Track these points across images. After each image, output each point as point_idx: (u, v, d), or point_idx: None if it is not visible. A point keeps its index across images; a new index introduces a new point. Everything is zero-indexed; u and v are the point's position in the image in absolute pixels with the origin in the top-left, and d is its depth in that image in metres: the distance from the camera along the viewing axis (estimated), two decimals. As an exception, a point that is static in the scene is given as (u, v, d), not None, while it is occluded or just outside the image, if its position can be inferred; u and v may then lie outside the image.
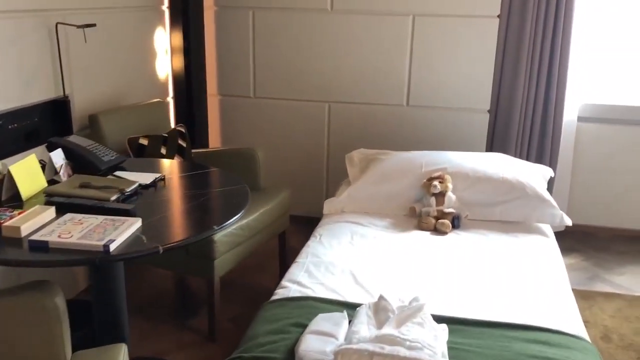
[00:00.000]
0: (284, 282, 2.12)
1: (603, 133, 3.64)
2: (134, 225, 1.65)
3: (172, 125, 3.46)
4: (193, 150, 3.04)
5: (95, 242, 1.53)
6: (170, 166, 2.41)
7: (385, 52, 3.55)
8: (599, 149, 3.67)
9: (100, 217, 1.69)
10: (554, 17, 3.34)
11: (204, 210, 1.89)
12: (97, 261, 1.53)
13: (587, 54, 3.49)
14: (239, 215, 1.75)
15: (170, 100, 3.67)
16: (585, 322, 2.70)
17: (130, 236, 1.60)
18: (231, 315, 2.78)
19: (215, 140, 3.89)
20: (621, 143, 3.64)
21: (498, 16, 3.38)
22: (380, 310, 1.79)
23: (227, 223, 1.70)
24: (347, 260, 2.27)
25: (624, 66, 3.63)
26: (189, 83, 3.60)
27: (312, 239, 2.52)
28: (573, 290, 2.31)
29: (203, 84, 3.71)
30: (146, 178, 2.07)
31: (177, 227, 1.73)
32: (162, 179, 2.09)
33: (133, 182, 1.98)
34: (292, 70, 3.69)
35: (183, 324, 2.73)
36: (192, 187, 2.11)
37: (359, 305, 1.87)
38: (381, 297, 1.82)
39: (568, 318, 1.95)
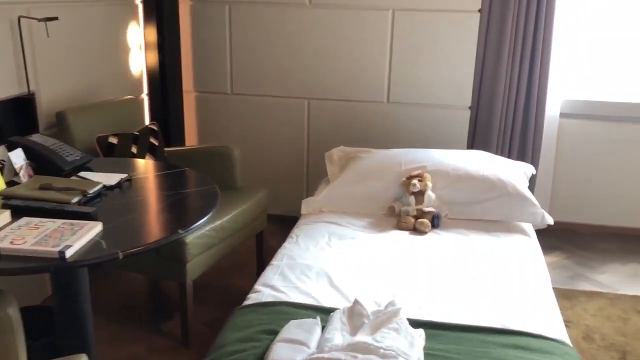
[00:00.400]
0: (257, 286, 2.04)
1: (585, 129, 3.61)
2: (94, 229, 1.56)
3: (147, 123, 3.36)
4: (167, 149, 2.95)
5: (51, 248, 1.44)
6: (138, 166, 2.32)
7: (365, 48, 3.47)
8: (581, 146, 3.63)
9: (59, 221, 1.60)
10: (536, 11, 3.29)
11: (170, 213, 1.81)
12: (52, 269, 1.44)
13: (569, 48, 3.45)
14: (205, 218, 1.67)
15: (145, 97, 3.57)
16: (567, 322, 2.67)
17: (89, 241, 1.52)
18: (206, 318, 2.70)
19: (191, 138, 3.80)
20: (604, 139, 3.61)
21: (479, 11, 3.32)
22: (354, 315, 1.72)
23: (192, 227, 1.62)
24: (324, 262, 2.20)
25: (606, 62, 3.59)
26: (164, 79, 3.49)
27: (288, 240, 2.44)
28: (555, 289, 2.27)
29: (178, 80, 3.61)
30: (112, 179, 1.98)
31: (140, 231, 1.64)
32: (129, 179, 2.00)
33: (97, 183, 1.89)
34: (270, 66, 3.61)
35: (156, 328, 2.64)
36: (159, 188, 2.03)
37: (333, 310, 1.80)
38: (356, 302, 1.75)
39: (549, 321, 1.90)
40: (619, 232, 3.73)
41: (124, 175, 2.00)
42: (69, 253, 1.44)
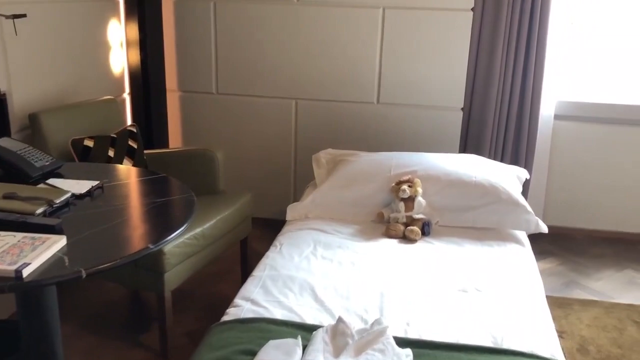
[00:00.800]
0: (236, 300, 1.93)
1: (580, 131, 3.52)
2: (57, 244, 1.44)
3: (129, 124, 3.24)
4: (147, 152, 2.83)
5: (6, 266, 1.32)
6: (113, 172, 2.20)
7: (355, 47, 3.37)
8: (576, 148, 3.54)
9: (19, 235, 1.48)
10: (530, 10, 3.19)
11: (142, 225, 1.69)
12: (7, 289, 1.33)
13: (564, 48, 3.35)
14: (177, 232, 1.55)
15: (126, 97, 3.44)
16: (562, 333, 2.59)
17: (50, 257, 1.40)
18: (188, 329, 2.59)
19: (175, 140, 3.68)
20: (599, 142, 3.52)
21: (472, 9, 3.22)
22: (338, 334, 1.61)
23: (163, 242, 1.51)
24: (308, 273, 2.09)
25: (601, 62, 3.50)
26: (146, 78, 3.37)
27: (271, 248, 2.33)
28: (549, 297, 2.18)
29: (162, 80, 3.49)
30: (82, 186, 1.86)
31: (108, 246, 1.53)
32: (100, 187, 1.88)
33: (65, 192, 1.77)
34: (256, 65, 3.49)
35: (134, 340, 2.53)
36: (132, 197, 1.91)
37: (316, 327, 1.69)
38: (340, 320, 1.65)
39: (543, 337, 1.80)
40: (615, 237, 3.65)
41: (95, 183, 1.88)
42: (26, 272, 1.32)
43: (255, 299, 1.92)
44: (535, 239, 2.82)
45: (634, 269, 3.28)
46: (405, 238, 2.44)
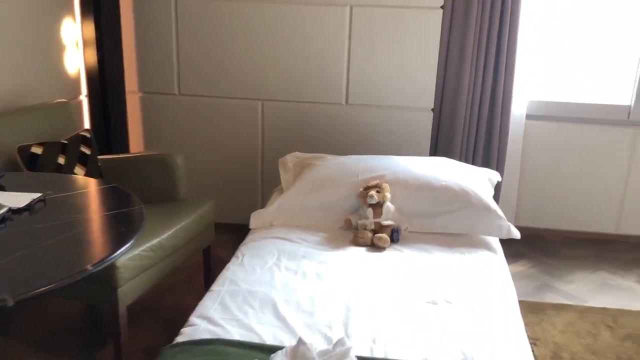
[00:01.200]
0: (192, 319, 1.81)
1: (552, 131, 3.47)
2: (-16, 268, 1.31)
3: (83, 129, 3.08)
4: (103, 157, 2.68)
5: None
6: (60, 182, 2.06)
7: (322, 46, 3.26)
8: (547, 148, 3.49)
9: (-58, 258, 1.35)
10: (501, 9, 3.12)
11: (84, 242, 1.56)
12: None
13: (535, 47, 3.29)
14: (122, 250, 1.43)
15: (84, 99, 3.28)
16: (535, 339, 2.52)
17: (-24, 283, 1.27)
18: (145, 345, 2.45)
19: (137, 144, 3.52)
20: (570, 141, 3.47)
21: (442, 7, 3.13)
22: (298, 357, 1.50)
23: (104, 261, 1.38)
24: (270, 287, 1.98)
25: (572, 62, 3.45)
26: (104, 79, 3.21)
27: (233, 260, 2.21)
28: (521, 302, 2.11)
29: (120, 80, 3.33)
30: (22, 199, 1.72)
31: (44, 268, 1.39)
32: (42, 200, 1.74)
33: (1, 207, 1.63)
34: (220, 65, 3.36)
35: (90, 357, 2.38)
36: (77, 211, 1.77)
37: (276, 348, 1.58)
38: (300, 342, 1.54)
39: (515, 350, 1.72)
40: (587, 237, 3.61)
41: (37, 195, 1.75)
42: (-56, 301, 1.19)
43: (212, 317, 1.80)
44: (508, 241, 2.74)
45: (606, 271, 3.24)
46: (374, 246, 2.34)
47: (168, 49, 3.36)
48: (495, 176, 2.86)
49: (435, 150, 3.35)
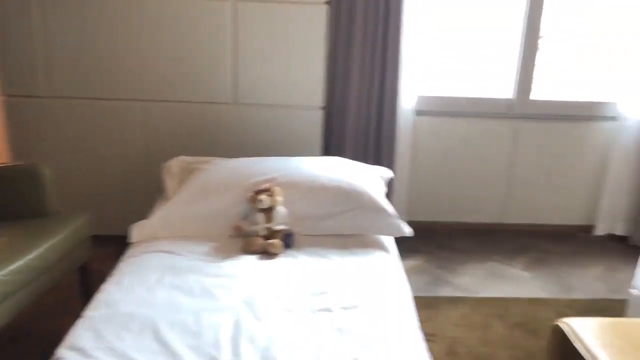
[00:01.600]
0: (61, 351, 1.60)
1: (440, 125, 3.53)
2: None
3: None
4: (-46, 170, 2.35)
5: None
6: None
7: (204, 42, 3.08)
8: (437, 142, 3.56)
9: None
10: (386, 5, 3.11)
11: None
12: None
13: (422, 43, 3.32)
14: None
15: None
16: (431, 335, 2.53)
17: None
18: (15, 379, 2.19)
19: (1, 152, 3.16)
20: (458, 135, 3.56)
21: (327, 2, 3.06)
22: (180, 388, 1.36)
23: None
24: (152, 308, 1.80)
25: (456, 57, 3.53)
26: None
27: (109, 280, 2.00)
28: (417, 298, 2.09)
29: (-23, 83, 2.97)
30: None
31: None
32: None
33: None
34: (94, 63, 3.08)
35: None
36: None
37: (156, 378, 1.42)
38: (181, 370, 1.39)
39: (410, 351, 1.67)
40: (477, 228, 3.72)
41: None
42: None
43: (84, 348, 1.60)
44: (403, 236, 2.75)
45: (495, 260, 3.34)
46: (266, 253, 2.23)
47: (31, 45, 3.03)
48: (387, 173, 2.85)
49: (327, 150, 3.30)
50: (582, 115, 3.55)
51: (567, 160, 3.63)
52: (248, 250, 2.24)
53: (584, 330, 1.97)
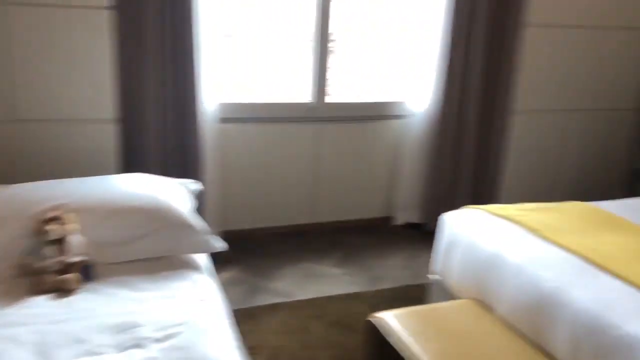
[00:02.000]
0: None
1: (246, 132, 3.51)
2: None
3: None
4: None
5: None
6: None
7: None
8: (244, 149, 3.52)
9: None
10: (180, 12, 2.96)
11: None
12: None
13: (219, 50, 3.25)
14: None
15: None
16: (253, 348, 2.47)
17: None
18: None
19: None
20: (263, 140, 3.57)
21: (110, 7, 2.83)
22: None
23: None
24: None
25: (256, 63, 3.53)
26: None
27: None
28: (236, 311, 2.01)
29: None
30: None
31: None
32: None
33: None
34: None
35: None
36: None
37: None
38: None
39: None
40: (289, 230, 3.77)
41: None
42: None
43: None
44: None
45: (308, 260, 3.41)
46: (61, 290, 1.96)
47: None
48: (195, 186, 2.72)
49: (129, 166, 3.05)
50: (375, 115, 3.79)
51: (365, 158, 3.84)
52: (37, 290, 1.95)
53: (393, 322, 2.08)
